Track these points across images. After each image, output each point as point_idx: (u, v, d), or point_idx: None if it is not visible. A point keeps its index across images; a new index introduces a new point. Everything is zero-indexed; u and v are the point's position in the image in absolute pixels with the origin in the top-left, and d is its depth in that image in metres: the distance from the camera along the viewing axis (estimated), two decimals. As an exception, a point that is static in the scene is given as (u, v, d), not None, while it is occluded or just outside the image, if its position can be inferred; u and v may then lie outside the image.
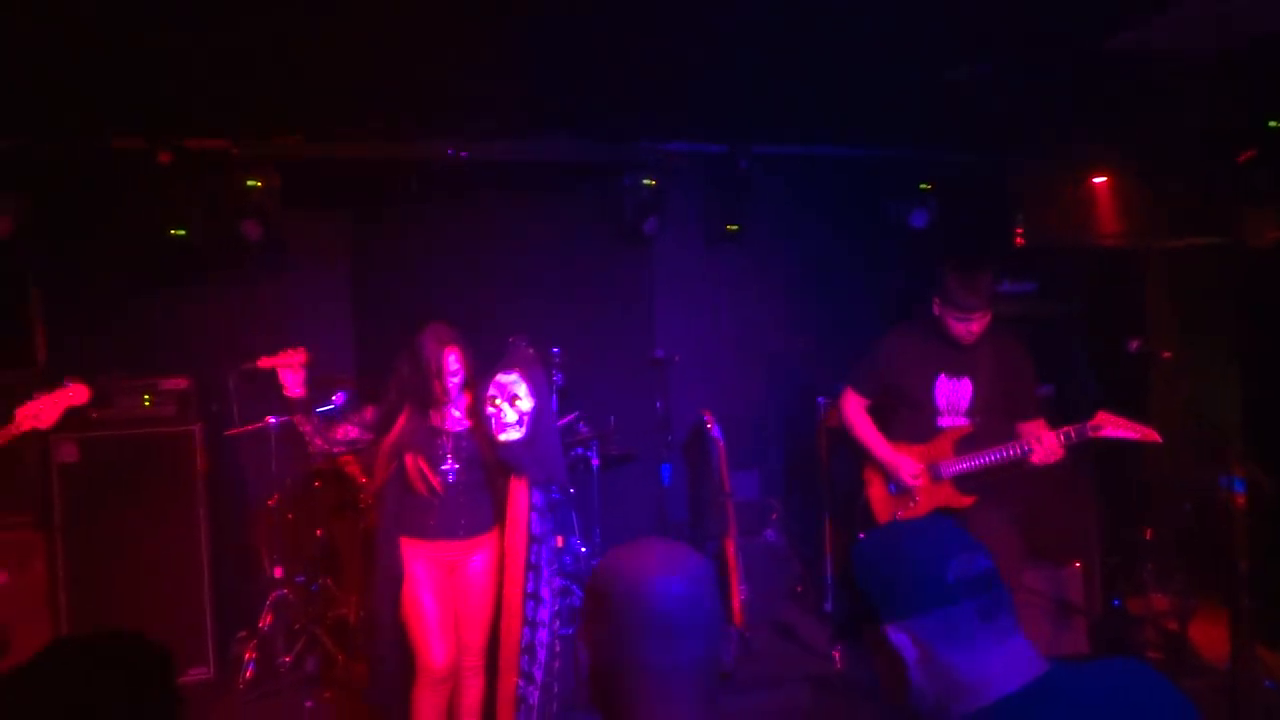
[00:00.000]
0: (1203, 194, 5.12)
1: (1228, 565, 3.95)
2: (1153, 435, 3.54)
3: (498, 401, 3.45)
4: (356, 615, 5.03)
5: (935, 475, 3.85)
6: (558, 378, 5.35)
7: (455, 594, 3.64)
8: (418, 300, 5.46)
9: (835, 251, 6.05)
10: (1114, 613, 5.03)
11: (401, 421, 3.55)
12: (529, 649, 3.49)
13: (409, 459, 3.54)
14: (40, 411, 3.44)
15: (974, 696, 1.29)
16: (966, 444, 3.82)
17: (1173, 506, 5.06)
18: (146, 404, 4.88)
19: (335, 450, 3.66)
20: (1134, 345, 4.28)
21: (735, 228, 5.77)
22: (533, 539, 3.52)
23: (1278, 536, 4.43)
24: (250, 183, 4.93)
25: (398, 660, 3.61)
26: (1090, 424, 3.57)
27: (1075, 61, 4.23)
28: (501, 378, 3.48)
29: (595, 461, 5.54)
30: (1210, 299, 5.40)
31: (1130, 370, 4.99)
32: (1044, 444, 3.60)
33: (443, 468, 3.54)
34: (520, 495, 3.52)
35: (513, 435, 3.44)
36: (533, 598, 3.51)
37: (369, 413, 3.62)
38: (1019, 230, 5.57)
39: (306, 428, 3.53)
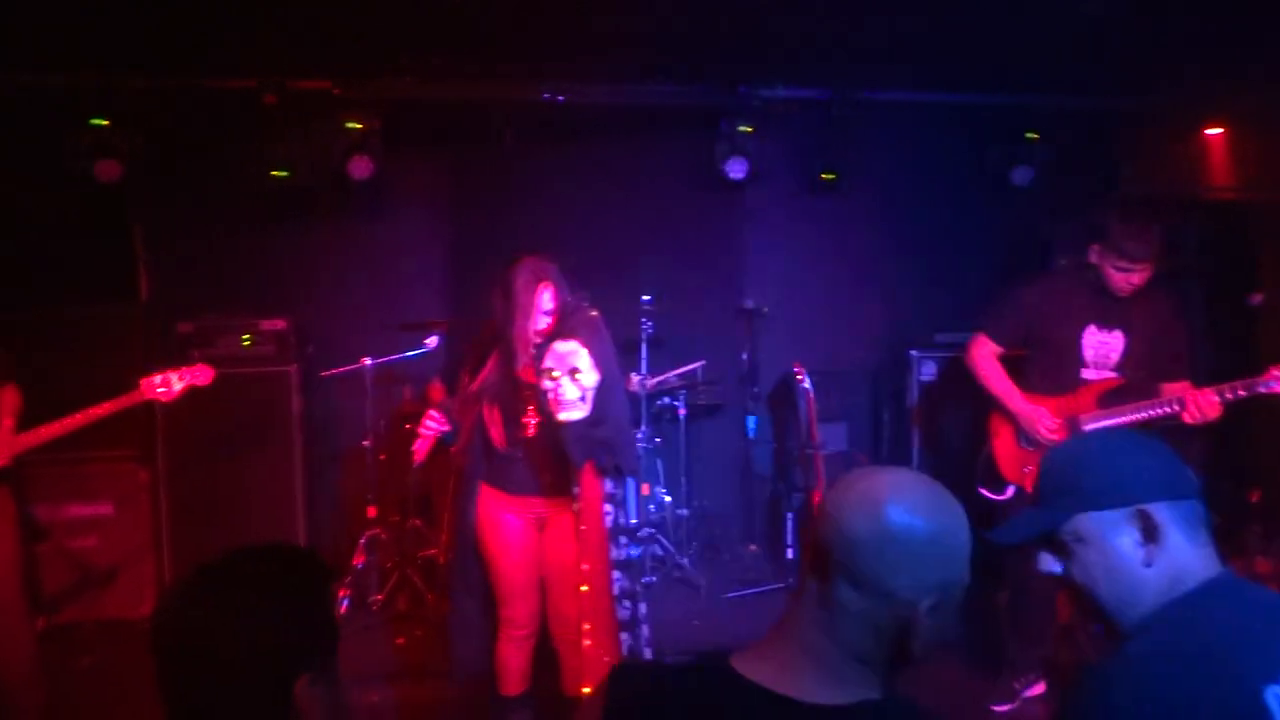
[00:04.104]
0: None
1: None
2: None
3: (555, 374, 3.03)
4: (445, 557, 5.07)
5: (1074, 428, 3.65)
6: (648, 326, 5.32)
7: (545, 552, 3.39)
8: (508, 244, 5.43)
9: (934, 203, 5.88)
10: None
11: (489, 367, 3.31)
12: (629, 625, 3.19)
13: (485, 409, 3.32)
14: (166, 384, 3.56)
15: (1181, 580, 1.42)
16: (1113, 398, 3.63)
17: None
18: (246, 344, 4.96)
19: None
20: (1256, 298, 4.15)
21: (832, 177, 5.64)
22: (612, 531, 3.18)
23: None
24: (350, 124, 4.93)
25: (476, 610, 3.46)
26: (1262, 379, 3.28)
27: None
28: (559, 346, 3.05)
29: (682, 411, 5.52)
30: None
31: (1243, 325, 4.83)
32: (1202, 404, 3.38)
33: (523, 420, 3.24)
34: (594, 481, 3.13)
35: (574, 414, 3.03)
36: (628, 597, 3.19)
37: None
38: (1123, 181, 5.41)
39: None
